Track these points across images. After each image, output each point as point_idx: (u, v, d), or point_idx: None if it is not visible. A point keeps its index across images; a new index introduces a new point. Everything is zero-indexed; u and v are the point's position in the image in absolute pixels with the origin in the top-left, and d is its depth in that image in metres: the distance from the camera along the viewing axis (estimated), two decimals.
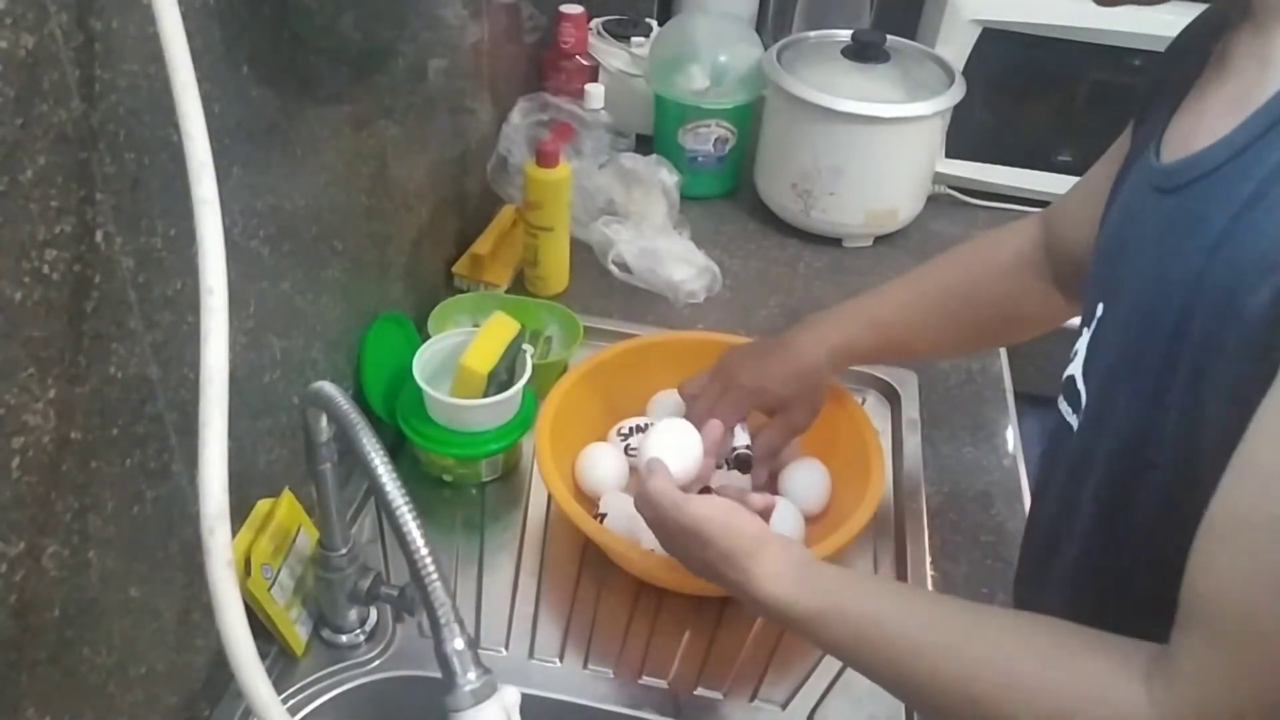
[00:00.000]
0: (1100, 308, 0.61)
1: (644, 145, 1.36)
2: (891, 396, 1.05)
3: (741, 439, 0.88)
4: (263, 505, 0.75)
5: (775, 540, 0.66)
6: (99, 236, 0.54)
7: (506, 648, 0.80)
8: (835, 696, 0.77)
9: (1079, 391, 0.62)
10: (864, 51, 1.25)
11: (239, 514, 0.71)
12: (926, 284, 0.87)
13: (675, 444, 0.76)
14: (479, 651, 0.57)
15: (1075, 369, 0.63)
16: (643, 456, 0.75)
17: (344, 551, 0.75)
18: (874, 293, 0.88)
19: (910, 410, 1.03)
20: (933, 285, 0.86)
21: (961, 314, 0.85)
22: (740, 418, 0.88)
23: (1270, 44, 0.51)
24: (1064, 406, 0.65)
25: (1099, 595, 0.62)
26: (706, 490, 0.72)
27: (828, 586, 0.62)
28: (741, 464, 0.87)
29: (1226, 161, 0.50)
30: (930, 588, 0.86)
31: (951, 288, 0.85)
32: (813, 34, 1.33)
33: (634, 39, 1.39)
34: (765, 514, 0.72)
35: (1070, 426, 0.63)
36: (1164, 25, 0.69)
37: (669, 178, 1.22)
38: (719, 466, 0.89)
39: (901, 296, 0.87)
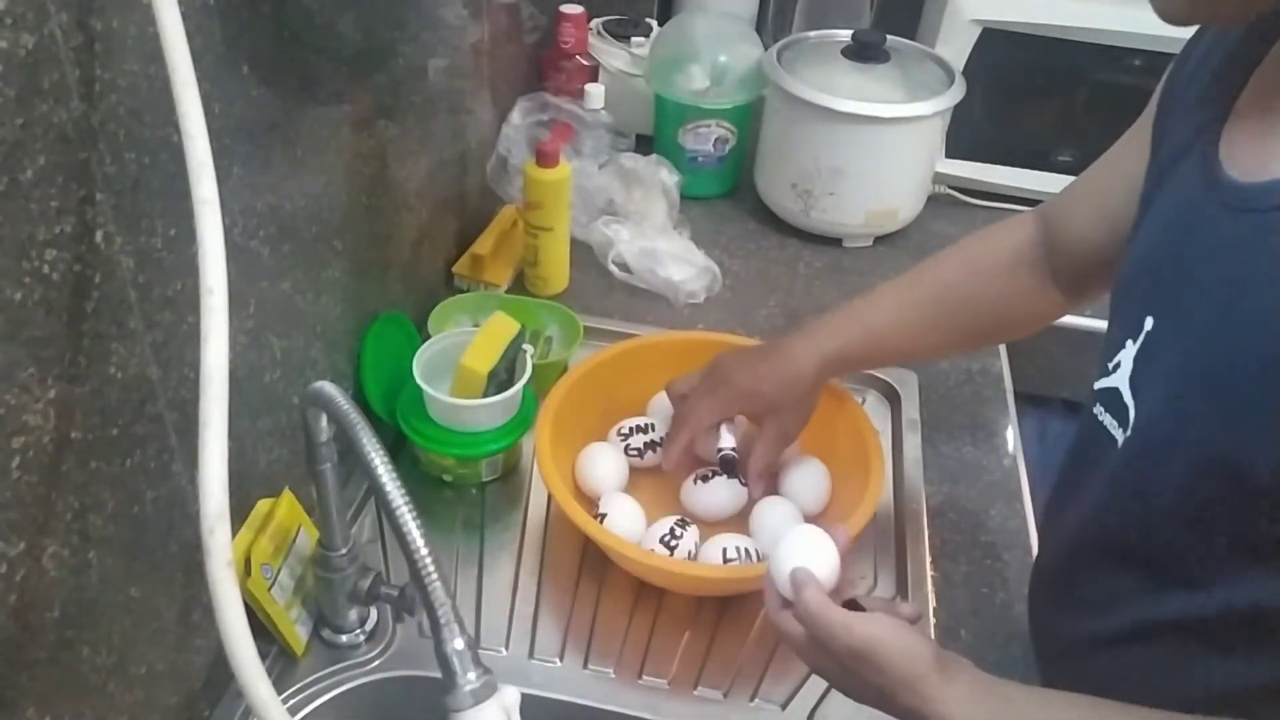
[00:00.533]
0: (1150, 321, 0.59)
1: (644, 145, 1.36)
2: (891, 396, 1.05)
3: (727, 440, 0.88)
4: (263, 505, 0.75)
5: (952, 659, 0.61)
6: (99, 236, 0.54)
7: (506, 648, 0.80)
8: (835, 696, 0.77)
9: (1125, 405, 0.60)
10: (864, 51, 1.25)
11: (239, 514, 0.71)
12: (922, 287, 0.85)
13: (812, 553, 0.68)
14: (479, 651, 0.57)
15: (1119, 382, 0.61)
16: (778, 569, 0.67)
17: (344, 551, 0.75)
18: (869, 297, 0.86)
19: (910, 410, 1.03)
20: (929, 288, 0.85)
21: (958, 316, 0.84)
22: (727, 417, 0.88)
23: None
24: (1105, 418, 0.62)
25: (1165, 607, 0.59)
26: (853, 604, 0.64)
27: (1030, 707, 0.59)
28: (726, 465, 0.87)
29: None
30: (930, 588, 0.86)
31: (948, 290, 0.84)
32: (813, 34, 1.33)
33: (634, 39, 1.39)
34: (914, 622, 0.65)
35: (1113, 439, 0.61)
36: (1166, 25, 0.68)
37: (669, 178, 1.22)
38: (713, 474, 0.89)
39: (897, 301, 0.85)
